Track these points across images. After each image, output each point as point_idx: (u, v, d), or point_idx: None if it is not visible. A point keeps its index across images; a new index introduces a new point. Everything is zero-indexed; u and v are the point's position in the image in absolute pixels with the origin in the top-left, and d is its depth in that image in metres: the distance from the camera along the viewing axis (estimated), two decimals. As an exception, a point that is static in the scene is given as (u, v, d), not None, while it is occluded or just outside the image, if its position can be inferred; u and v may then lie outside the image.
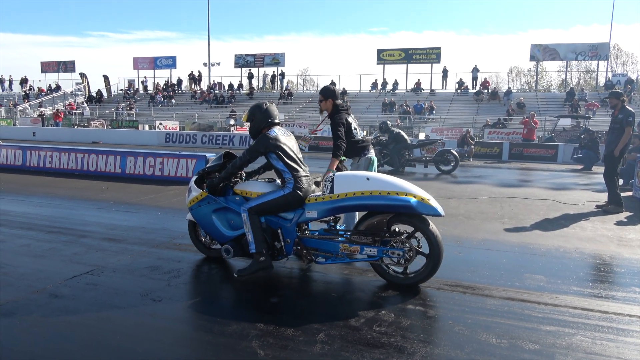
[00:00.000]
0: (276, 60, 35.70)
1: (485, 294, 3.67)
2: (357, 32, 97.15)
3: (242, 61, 36.29)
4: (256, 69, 36.46)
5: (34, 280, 3.85)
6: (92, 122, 28.99)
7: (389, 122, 12.93)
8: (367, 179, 3.70)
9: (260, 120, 4.01)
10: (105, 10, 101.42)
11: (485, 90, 29.58)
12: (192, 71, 37.57)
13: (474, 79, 31.14)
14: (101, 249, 4.80)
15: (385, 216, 3.77)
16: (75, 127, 28.66)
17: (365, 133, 23.35)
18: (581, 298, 3.63)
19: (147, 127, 27.61)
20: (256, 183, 4.13)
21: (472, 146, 16.55)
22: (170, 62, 37.98)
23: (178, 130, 25.87)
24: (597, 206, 7.40)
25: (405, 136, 12.61)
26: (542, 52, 30.57)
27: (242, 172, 4.28)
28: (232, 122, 26.43)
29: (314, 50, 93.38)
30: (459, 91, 30.54)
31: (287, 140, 3.99)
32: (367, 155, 4.82)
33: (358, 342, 2.87)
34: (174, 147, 21.38)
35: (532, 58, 31.49)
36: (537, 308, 3.42)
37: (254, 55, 36.26)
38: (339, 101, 4.79)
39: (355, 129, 4.80)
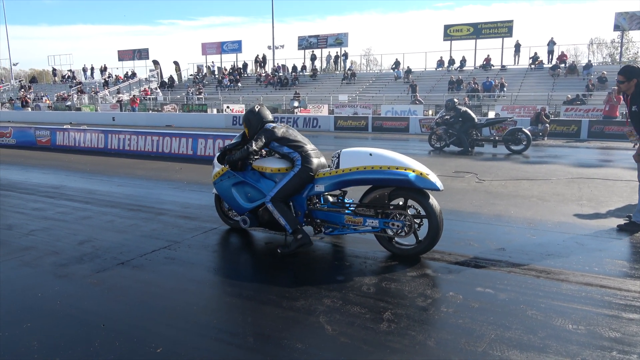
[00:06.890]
0: (339, 40, 35.38)
1: (561, 279, 3.51)
2: (421, 8, 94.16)
3: (305, 43, 36.33)
4: (319, 50, 36.35)
5: (118, 253, 4.17)
6: (165, 107, 30.45)
7: (456, 100, 12.45)
8: (370, 154, 3.92)
9: (256, 123, 4.41)
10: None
11: (562, 65, 27.56)
12: (257, 54, 38.24)
13: (550, 52, 29.05)
14: (177, 225, 5.09)
15: (386, 190, 3.93)
16: (150, 111, 30.28)
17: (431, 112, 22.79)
18: (670, 286, 3.37)
19: (215, 111, 28.58)
20: (272, 159, 4.40)
21: (547, 124, 15.61)
22: (236, 47, 38.77)
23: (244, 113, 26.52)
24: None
25: (473, 115, 12.09)
26: (628, 21, 27.87)
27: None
28: (295, 104, 26.74)
29: (377, 29, 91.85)
30: (532, 66, 28.69)
31: (285, 128, 4.33)
32: None
33: (425, 322, 2.86)
34: (241, 129, 21.92)
35: (616, 28, 28.79)
36: (619, 295, 3.22)
37: (317, 36, 36.15)
38: None
39: None
